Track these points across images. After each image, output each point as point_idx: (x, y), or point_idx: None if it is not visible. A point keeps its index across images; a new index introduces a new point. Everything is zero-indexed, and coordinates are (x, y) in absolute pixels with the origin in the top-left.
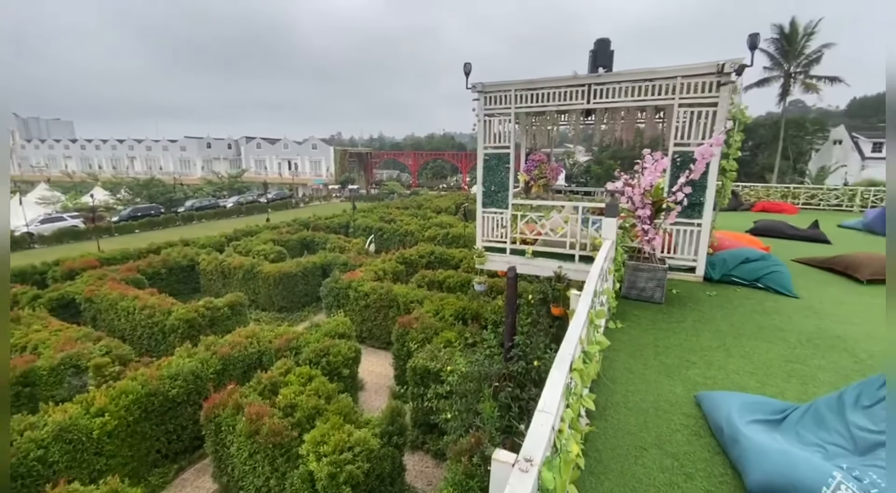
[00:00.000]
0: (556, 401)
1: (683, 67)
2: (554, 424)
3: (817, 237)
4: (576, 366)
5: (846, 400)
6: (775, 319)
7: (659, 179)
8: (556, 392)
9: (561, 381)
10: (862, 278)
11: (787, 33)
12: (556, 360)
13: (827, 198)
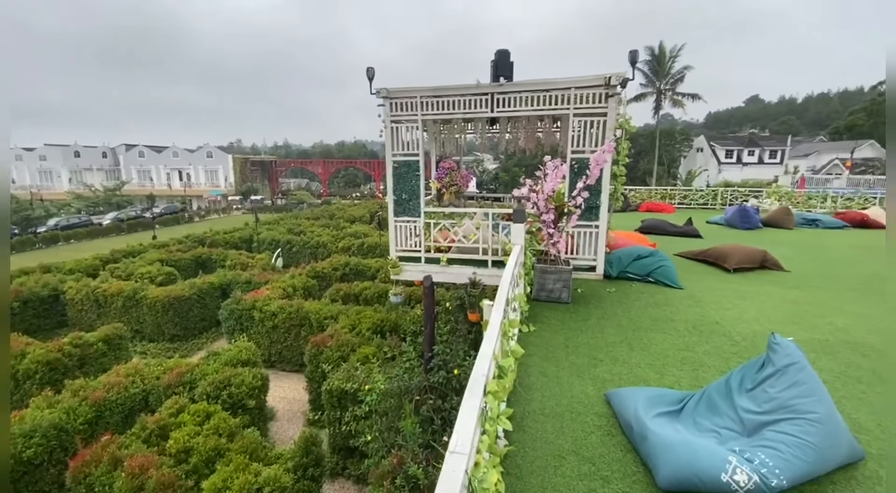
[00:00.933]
0: (470, 436)
1: (576, 79)
2: (467, 466)
3: (692, 233)
4: (490, 388)
5: (732, 384)
6: (666, 310)
7: (560, 184)
8: (470, 426)
9: (475, 410)
10: (729, 267)
11: (657, 55)
12: (469, 384)
13: (696, 198)
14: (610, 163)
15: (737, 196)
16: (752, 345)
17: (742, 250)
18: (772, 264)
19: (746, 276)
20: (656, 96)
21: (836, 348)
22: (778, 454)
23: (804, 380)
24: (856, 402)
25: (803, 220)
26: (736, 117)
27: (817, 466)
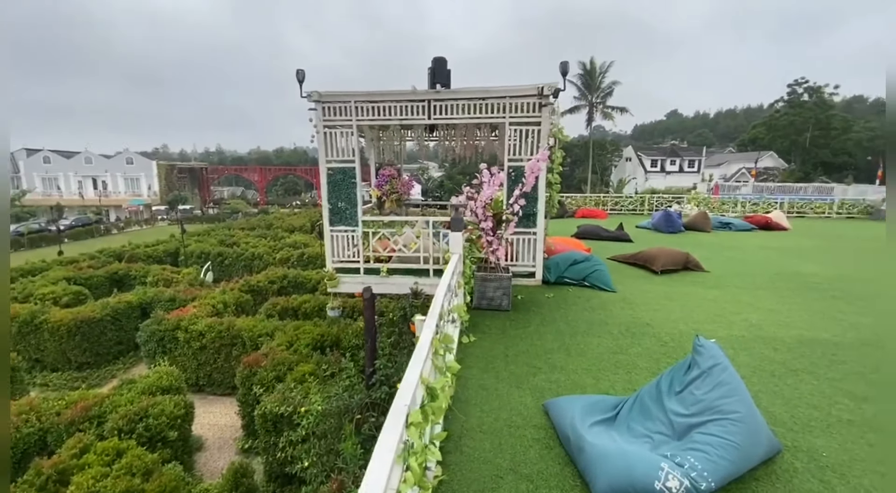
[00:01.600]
0: (383, 483)
1: (511, 88)
2: None
3: (623, 237)
4: (413, 419)
5: (662, 387)
6: (601, 313)
7: (498, 192)
8: (383, 471)
9: (390, 453)
10: (657, 269)
11: (588, 70)
12: (388, 419)
13: (626, 204)
14: (545, 171)
15: (661, 202)
16: (679, 345)
17: (668, 253)
18: (694, 265)
19: (672, 277)
20: (589, 109)
21: (751, 344)
22: (706, 457)
23: (727, 380)
24: (771, 395)
25: (719, 223)
26: (659, 130)
27: (741, 464)
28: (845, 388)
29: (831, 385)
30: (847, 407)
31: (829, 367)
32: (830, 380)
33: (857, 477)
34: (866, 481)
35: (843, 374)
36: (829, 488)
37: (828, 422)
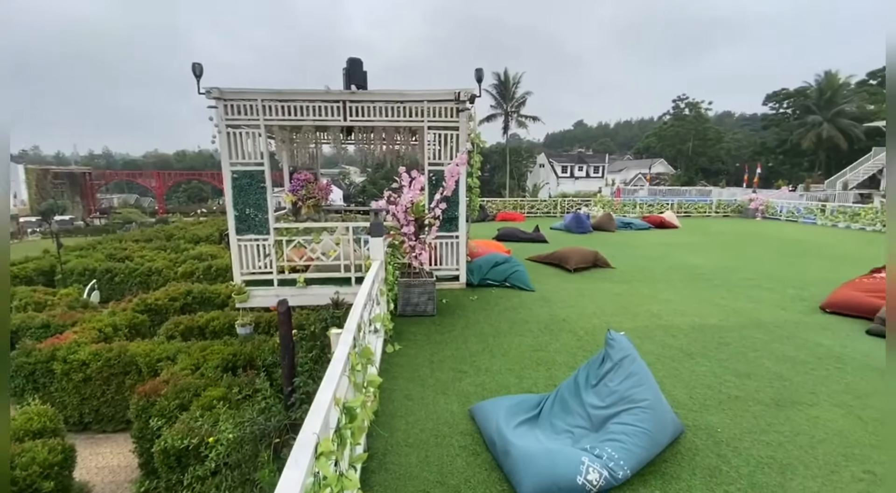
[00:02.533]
0: None
1: (429, 92)
2: None
3: (539, 238)
4: (323, 448)
5: (580, 382)
6: (522, 313)
7: (419, 196)
8: None
9: (296, 489)
10: (570, 267)
11: (503, 80)
12: (293, 452)
13: (541, 207)
14: (465, 175)
15: (572, 205)
16: (593, 339)
17: (579, 252)
18: (602, 262)
19: (584, 274)
20: (504, 118)
21: (653, 333)
22: (621, 446)
23: (636, 371)
24: (672, 379)
25: (621, 223)
26: (567, 138)
27: (652, 449)
28: (731, 367)
29: (720, 365)
30: (734, 384)
31: (718, 349)
32: (719, 360)
33: (748, 448)
34: (755, 451)
35: (728, 354)
36: (726, 461)
37: (720, 399)
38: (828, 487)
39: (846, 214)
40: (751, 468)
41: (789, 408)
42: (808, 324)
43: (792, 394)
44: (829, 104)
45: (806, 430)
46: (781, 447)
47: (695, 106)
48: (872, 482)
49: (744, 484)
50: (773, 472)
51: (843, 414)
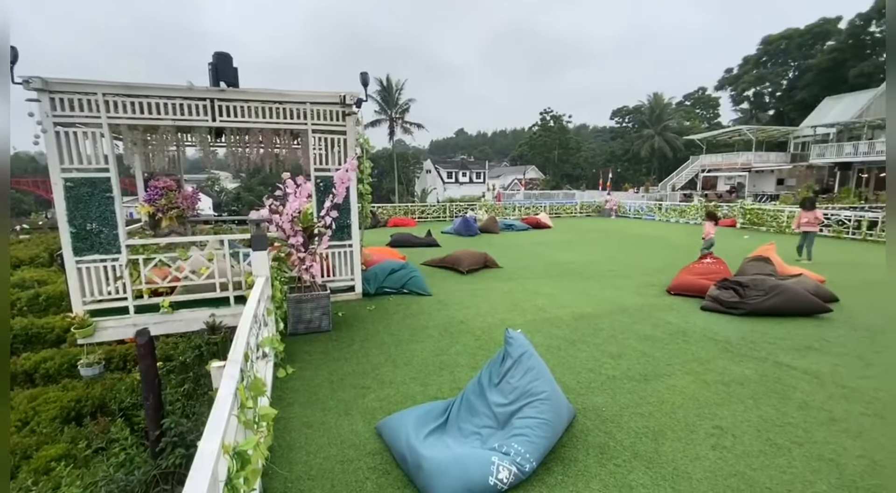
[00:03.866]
0: None
1: (312, 94)
2: None
3: (432, 243)
4: None
5: (483, 382)
6: (421, 318)
7: (307, 204)
8: None
9: None
10: (463, 269)
11: (386, 86)
12: None
13: (431, 212)
14: (355, 181)
15: (459, 209)
16: (490, 338)
17: (471, 255)
18: (491, 263)
19: (476, 276)
20: (390, 123)
21: (541, 326)
22: (526, 439)
23: (534, 365)
24: (561, 367)
25: (504, 225)
26: (450, 145)
27: (553, 438)
28: (607, 350)
29: (598, 349)
30: (610, 365)
31: (594, 335)
32: (597, 345)
33: (627, 422)
34: (633, 424)
35: (603, 339)
36: (612, 437)
37: (601, 380)
38: (690, 445)
39: (676, 211)
40: (632, 440)
41: (654, 381)
42: (659, 306)
43: (655, 368)
44: (658, 120)
45: (668, 398)
46: (652, 416)
47: (558, 119)
48: (720, 436)
49: (628, 455)
50: (649, 440)
51: (693, 380)
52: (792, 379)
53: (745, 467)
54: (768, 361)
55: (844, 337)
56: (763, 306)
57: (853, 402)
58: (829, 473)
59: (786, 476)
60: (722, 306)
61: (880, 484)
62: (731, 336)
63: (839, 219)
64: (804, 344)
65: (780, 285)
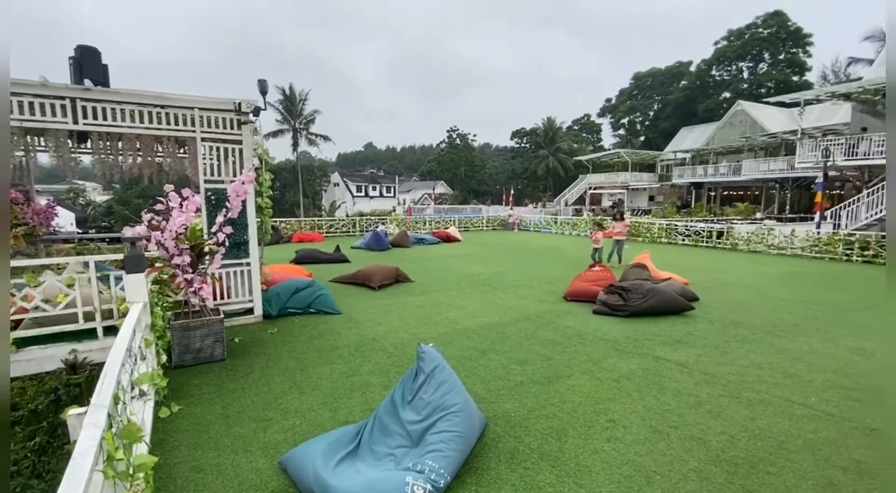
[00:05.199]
0: None
1: (202, 99)
2: None
3: (341, 258)
4: None
5: (397, 400)
6: (330, 339)
7: (195, 219)
8: None
9: None
10: (374, 285)
11: (288, 95)
12: None
13: (340, 226)
14: (253, 194)
15: (370, 223)
16: (403, 354)
17: (382, 270)
18: (403, 277)
19: (388, 291)
20: (293, 134)
21: (453, 338)
22: (441, 455)
23: (446, 378)
24: (472, 377)
25: (415, 239)
26: (359, 159)
27: (467, 450)
28: (514, 356)
29: (506, 357)
30: (517, 371)
31: (502, 343)
32: (505, 353)
33: (534, 425)
34: (539, 426)
35: (510, 346)
36: (521, 441)
37: (509, 387)
38: (588, 440)
39: (569, 224)
40: (539, 442)
41: (556, 382)
42: (558, 312)
43: (556, 370)
44: (552, 142)
45: (569, 398)
46: (555, 416)
47: (464, 137)
48: (613, 428)
49: (535, 457)
50: (553, 439)
51: (589, 379)
52: (667, 370)
53: (635, 454)
54: (649, 356)
55: (705, 330)
56: (642, 308)
57: (713, 386)
58: (699, 450)
59: (665, 458)
60: (610, 309)
61: (738, 455)
62: (618, 336)
63: (696, 230)
64: (675, 339)
65: (654, 288)
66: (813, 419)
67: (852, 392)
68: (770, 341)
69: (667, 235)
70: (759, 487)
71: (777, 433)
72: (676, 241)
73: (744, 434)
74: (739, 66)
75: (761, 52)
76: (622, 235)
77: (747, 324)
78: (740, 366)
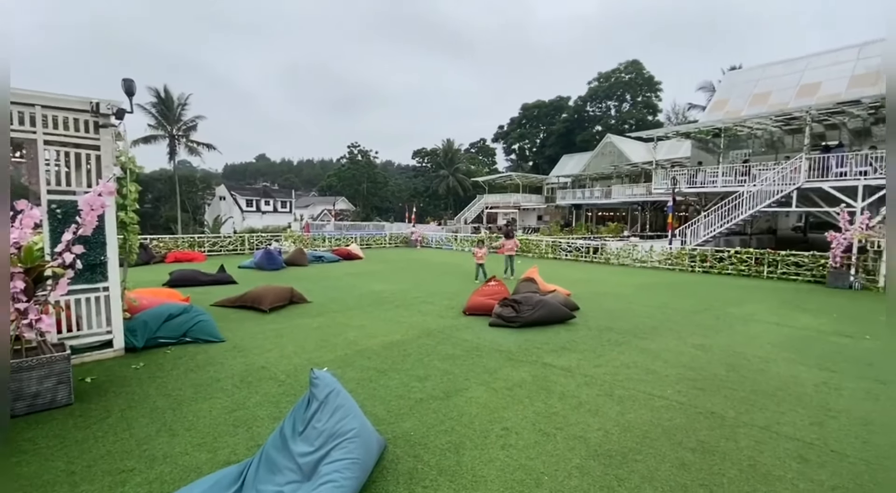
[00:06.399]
0: None
1: (46, 95)
2: None
3: (226, 279)
4: None
5: (287, 433)
6: (210, 370)
7: (33, 237)
8: None
9: None
10: (265, 308)
11: (163, 98)
12: None
13: (225, 244)
14: (114, 208)
15: (262, 241)
16: (296, 381)
17: (274, 290)
18: (298, 298)
19: (281, 313)
20: (170, 141)
21: (352, 359)
22: (335, 485)
23: (341, 403)
24: (372, 399)
25: (313, 257)
26: (250, 171)
27: (363, 476)
28: (414, 373)
29: (407, 374)
30: (418, 388)
31: (403, 360)
32: (405, 370)
33: (433, 441)
34: (438, 441)
35: (411, 364)
36: (420, 459)
37: (409, 405)
38: (484, 450)
39: (469, 241)
40: (437, 458)
41: (455, 396)
42: (458, 326)
43: (455, 384)
44: (451, 163)
45: (466, 410)
46: (454, 430)
47: (366, 153)
48: (507, 436)
49: (434, 474)
50: (451, 454)
51: (485, 390)
52: (554, 375)
53: (526, 458)
54: (538, 363)
55: (585, 337)
56: (532, 318)
57: (592, 387)
58: (580, 448)
59: (553, 458)
60: (504, 321)
61: (612, 448)
62: (511, 346)
63: (577, 246)
64: (560, 346)
65: (542, 300)
66: (669, 409)
67: (696, 382)
68: (636, 343)
69: (553, 252)
70: (628, 474)
71: (642, 424)
72: (561, 256)
73: (616, 428)
74: (608, 104)
75: (624, 94)
76: (511, 251)
77: (618, 329)
78: (613, 367)
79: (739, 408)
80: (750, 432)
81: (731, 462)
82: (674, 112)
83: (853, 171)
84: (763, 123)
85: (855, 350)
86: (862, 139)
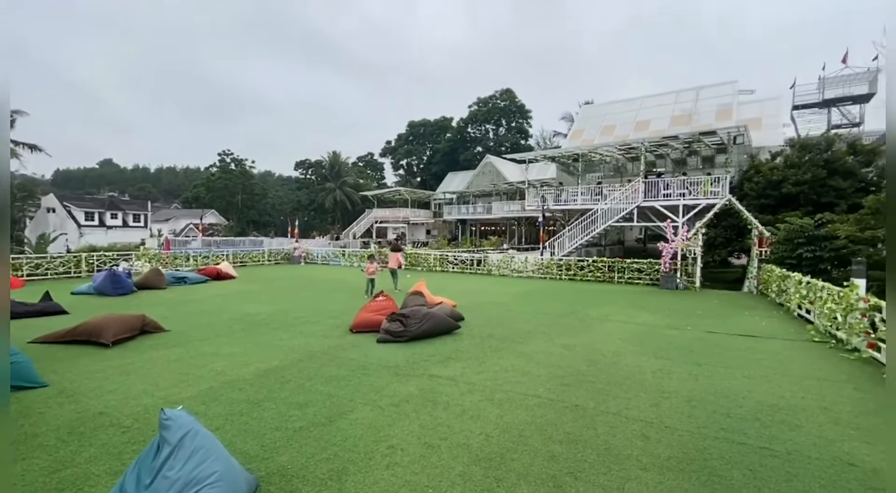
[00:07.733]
0: None
1: None
2: None
3: (52, 310)
4: None
5: (128, 489)
6: (24, 424)
7: None
8: None
9: None
10: (107, 341)
11: None
12: None
13: (53, 266)
14: None
15: (105, 261)
16: (145, 425)
17: (119, 320)
18: (152, 327)
19: (128, 346)
20: None
21: (220, 392)
22: None
23: (200, 445)
24: (243, 434)
25: (174, 278)
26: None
27: None
28: (293, 401)
29: (285, 403)
30: (297, 416)
31: (281, 388)
32: (283, 399)
33: (313, 471)
34: (318, 471)
35: (290, 391)
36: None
37: (287, 436)
38: (369, 472)
39: (358, 256)
40: (317, 489)
41: (339, 420)
42: (343, 345)
43: (339, 407)
44: (338, 175)
45: (351, 433)
46: (337, 456)
47: (240, 162)
48: (392, 455)
49: None
50: (334, 482)
51: (371, 409)
52: (440, 386)
53: (411, 474)
54: (425, 376)
55: (469, 345)
56: (420, 331)
57: (475, 393)
58: (463, 455)
59: (437, 470)
60: (392, 336)
61: (492, 451)
62: (399, 361)
63: (462, 259)
64: (446, 356)
65: (429, 313)
66: (541, 406)
67: (563, 379)
68: (513, 348)
69: (440, 264)
70: (506, 474)
71: (519, 423)
72: (448, 269)
73: (496, 431)
74: (487, 127)
75: (500, 119)
76: (395, 265)
77: (498, 335)
78: (493, 372)
79: (598, 399)
80: (606, 419)
81: (591, 448)
82: (542, 137)
83: (675, 192)
84: (610, 151)
85: (681, 340)
86: (680, 167)
